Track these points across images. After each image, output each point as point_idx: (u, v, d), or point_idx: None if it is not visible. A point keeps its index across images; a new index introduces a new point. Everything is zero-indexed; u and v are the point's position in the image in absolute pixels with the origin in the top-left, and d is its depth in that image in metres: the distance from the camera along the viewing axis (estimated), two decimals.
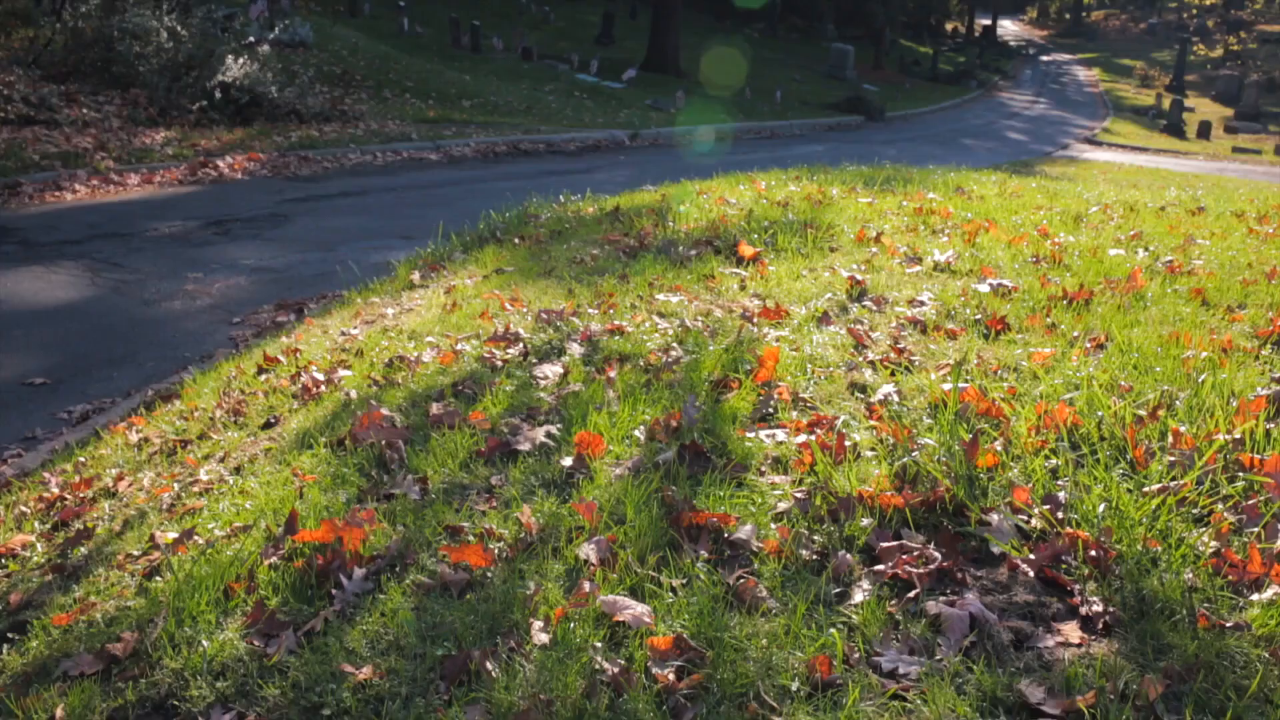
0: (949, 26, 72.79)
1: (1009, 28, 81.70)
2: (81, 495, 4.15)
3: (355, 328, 5.67)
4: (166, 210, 11.10)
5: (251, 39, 18.81)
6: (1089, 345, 4.08)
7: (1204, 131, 35.75)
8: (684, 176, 10.13)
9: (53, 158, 12.51)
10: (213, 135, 15.27)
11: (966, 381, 3.61)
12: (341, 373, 4.60)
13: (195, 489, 3.74)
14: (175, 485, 3.86)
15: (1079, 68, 62.08)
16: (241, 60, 17.15)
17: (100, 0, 17.16)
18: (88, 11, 16.95)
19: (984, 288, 4.92)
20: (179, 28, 17.07)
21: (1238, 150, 32.06)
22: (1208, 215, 8.12)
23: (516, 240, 7.39)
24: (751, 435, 3.33)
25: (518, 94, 23.96)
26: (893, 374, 3.83)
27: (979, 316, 4.46)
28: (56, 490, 4.31)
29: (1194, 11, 55.86)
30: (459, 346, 4.54)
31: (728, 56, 34.53)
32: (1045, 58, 67.42)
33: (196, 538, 3.20)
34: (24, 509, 4.18)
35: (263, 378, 5.03)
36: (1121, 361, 3.82)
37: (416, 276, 6.82)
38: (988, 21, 74.41)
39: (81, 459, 4.70)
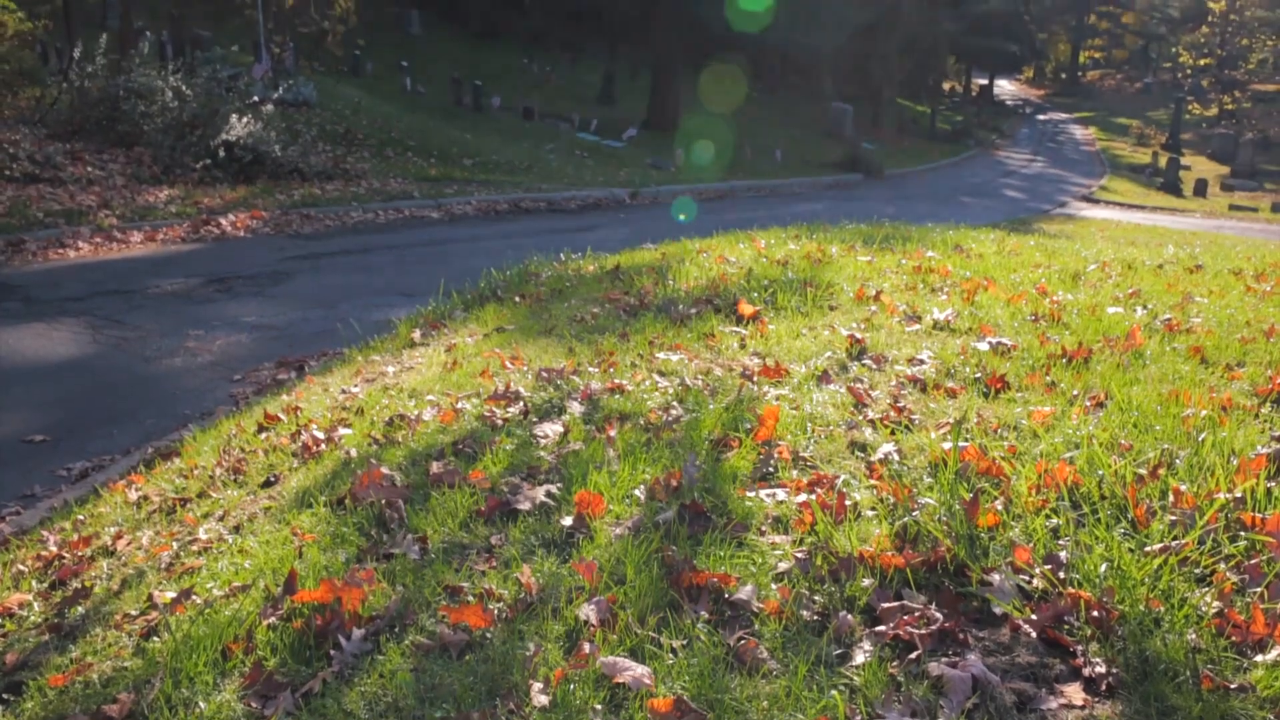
0: (946, 86, 73.47)
1: (1005, 87, 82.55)
2: (80, 554, 4.14)
3: (356, 385, 5.68)
4: (169, 267, 11.16)
5: (255, 98, 19.00)
6: (1089, 404, 4.08)
7: (1201, 189, 35.98)
8: (684, 235, 10.18)
9: (56, 215, 12.59)
10: (216, 193, 15.37)
11: (967, 440, 3.61)
12: (342, 431, 4.60)
13: (194, 548, 3.73)
14: (174, 544, 3.85)
15: (1075, 126, 62.66)
16: (245, 119, 17.32)
17: (106, 60, 17.35)
18: (94, 71, 17.14)
19: (983, 346, 4.93)
20: (184, 87, 17.26)
21: (1234, 208, 32.25)
22: (1205, 273, 8.15)
23: (517, 298, 7.42)
24: (752, 494, 3.33)
25: (519, 152, 24.14)
26: (893, 433, 3.83)
27: (978, 375, 4.47)
28: (54, 548, 4.29)
29: (1189, 71, 56.42)
30: (459, 405, 4.55)
31: (728, 115, 34.83)
32: (1042, 116, 68.07)
33: (195, 597, 3.18)
34: (21, 567, 4.16)
35: (263, 436, 5.03)
36: (1121, 420, 3.83)
37: (417, 334, 6.84)
38: (984, 81, 75.16)
39: (80, 517, 4.69)
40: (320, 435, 4.58)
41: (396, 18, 38.88)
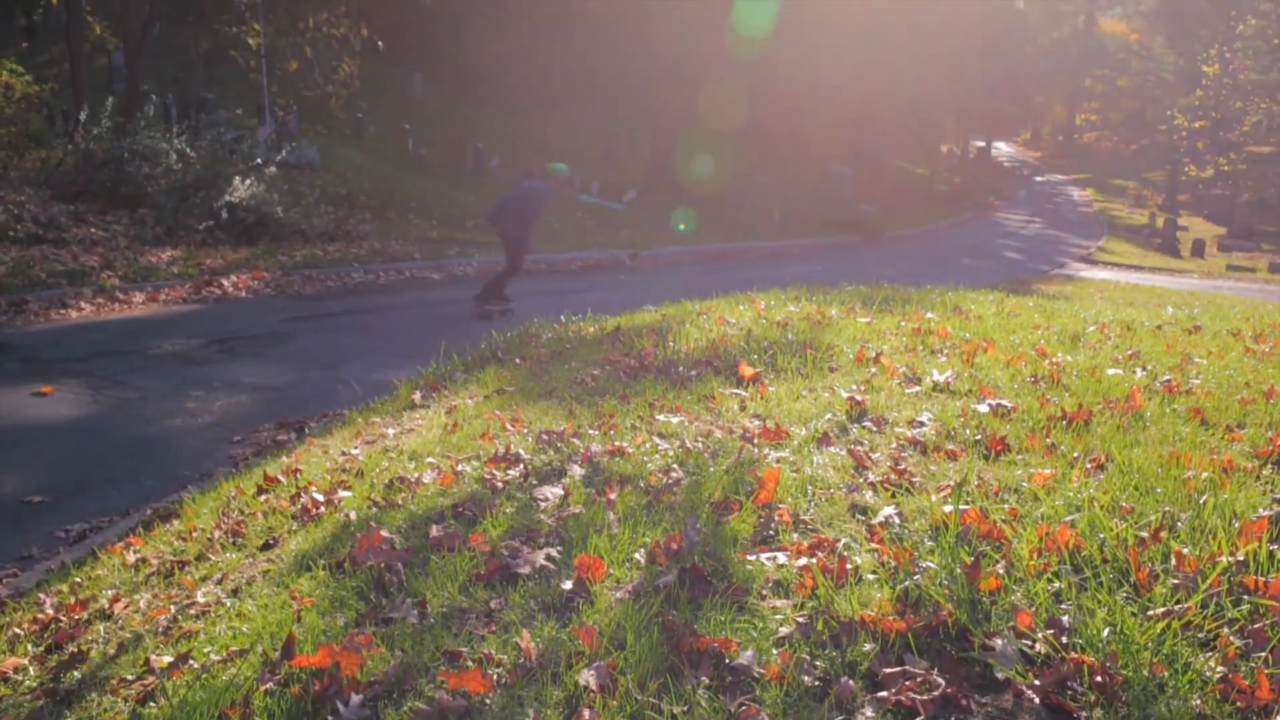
0: (944, 148, 74.05)
1: (1003, 149, 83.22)
2: (76, 617, 4.11)
3: (356, 448, 5.68)
4: (170, 328, 11.19)
5: (259, 160, 19.17)
6: (1089, 466, 4.08)
7: (1198, 250, 36.17)
8: (684, 296, 10.23)
9: (59, 276, 12.65)
10: (218, 254, 15.46)
11: (968, 503, 3.60)
12: (341, 493, 4.59)
13: (192, 611, 3.71)
14: (172, 607, 3.83)
15: (1073, 188, 63.12)
16: (248, 181, 17.46)
17: (112, 123, 17.53)
18: (99, 134, 17.30)
19: (983, 408, 4.93)
20: (188, 150, 17.42)
21: (1232, 268, 32.41)
22: (1204, 334, 8.17)
23: (518, 360, 7.44)
24: (752, 558, 3.32)
25: None
26: (893, 495, 3.82)
27: (979, 437, 4.47)
28: (51, 611, 4.27)
29: (1184, 133, 56.85)
30: (459, 468, 4.54)
31: (728, 177, 35.06)
32: (1039, 178, 68.59)
33: (192, 662, 3.16)
34: (17, 631, 4.14)
35: (262, 498, 5.02)
36: (1122, 482, 3.82)
37: (418, 396, 6.84)
38: (982, 143, 75.80)
39: (78, 579, 4.67)
40: (320, 498, 4.57)
41: (399, 80, 39.28)
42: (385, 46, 28.13)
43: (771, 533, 3.54)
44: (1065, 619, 2.80)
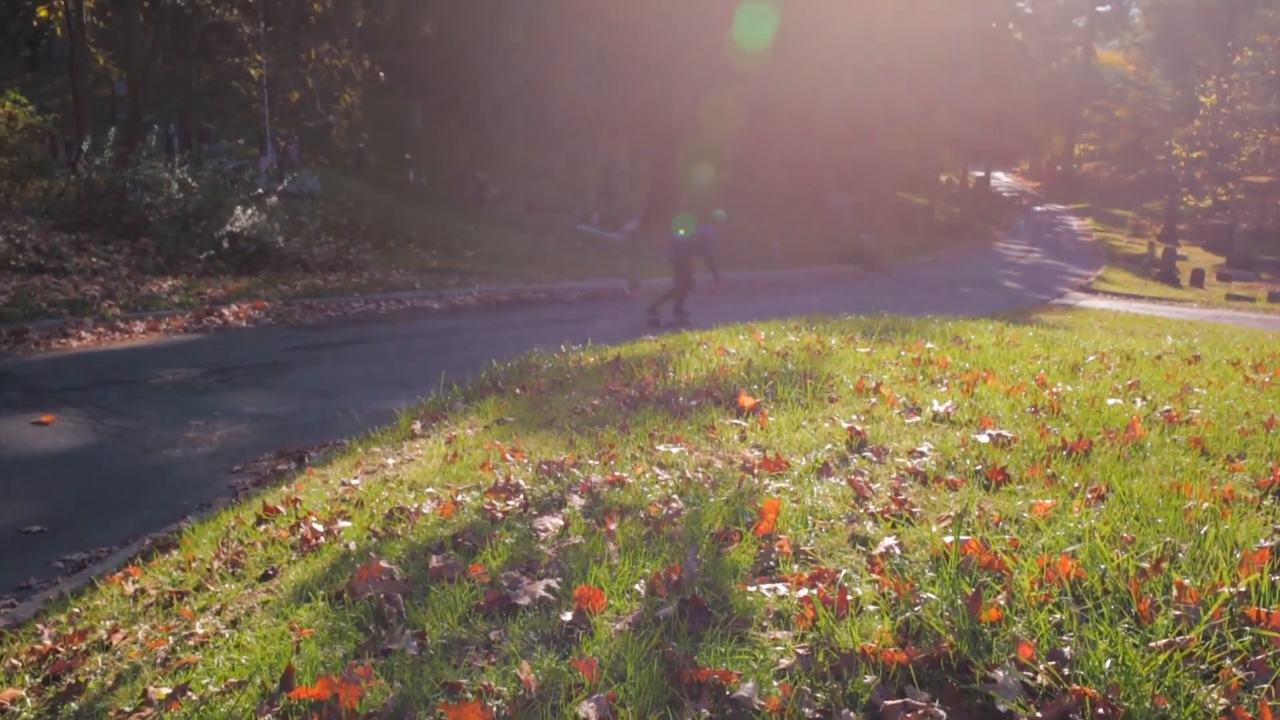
0: (944, 178, 74.31)
1: (1002, 180, 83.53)
2: (74, 648, 4.10)
3: (356, 478, 5.67)
4: (170, 357, 11.20)
5: (260, 190, 19.25)
6: (1090, 496, 4.07)
7: (1198, 279, 36.26)
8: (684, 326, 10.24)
9: (60, 305, 12.67)
10: (219, 284, 15.49)
11: (968, 534, 3.59)
12: (341, 524, 4.59)
13: (190, 642, 3.69)
14: (170, 638, 3.82)
15: (1072, 218, 63.35)
16: (250, 211, 17.52)
17: (114, 153, 17.60)
18: (102, 164, 17.37)
19: (983, 438, 4.93)
20: (190, 179, 17.49)
21: (1231, 297, 32.47)
22: (1204, 363, 8.17)
23: (518, 390, 7.44)
24: (753, 589, 3.31)
25: (520, 244, 24.37)
26: (894, 526, 3.82)
27: (979, 467, 4.47)
28: (49, 642, 4.25)
29: (1182, 164, 57.12)
30: (459, 498, 4.54)
31: (728, 207, 35.14)
32: (1039, 208, 68.85)
33: (190, 694, 3.15)
34: (15, 662, 4.12)
35: (261, 528, 5.01)
36: (1123, 513, 3.81)
37: (418, 426, 6.84)
38: (981, 174, 76.08)
39: (76, 610, 4.65)
40: (319, 528, 4.56)
41: (400, 111, 39.46)
42: (386, 77, 28.32)
43: (772, 564, 3.53)
44: (1067, 650, 2.79)
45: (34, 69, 33.76)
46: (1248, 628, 2.89)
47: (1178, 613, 2.97)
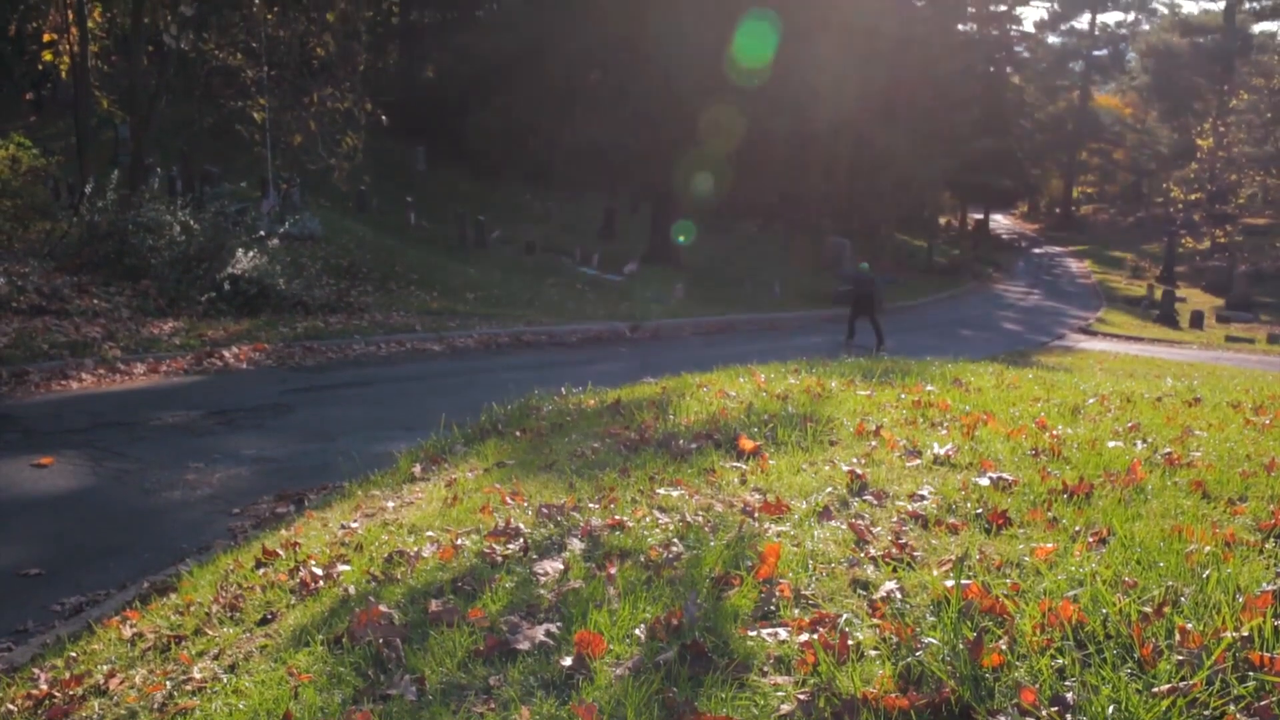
0: (942, 220, 74.72)
1: (1001, 222, 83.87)
2: (71, 693, 4.07)
3: (355, 521, 5.66)
4: (170, 400, 11.20)
5: (262, 232, 19.33)
6: (1091, 539, 4.06)
7: (1197, 321, 36.32)
8: (684, 368, 10.24)
9: (61, 347, 12.68)
10: (220, 325, 15.51)
11: (969, 578, 3.58)
12: (340, 567, 4.57)
13: (188, 687, 3.67)
14: (168, 683, 3.79)
15: (1071, 260, 63.54)
16: (251, 253, 17.58)
17: (117, 195, 17.68)
18: (104, 206, 17.45)
19: (984, 481, 4.92)
20: (192, 222, 17.57)
21: (1231, 339, 32.51)
22: (1204, 406, 8.17)
23: (518, 433, 7.43)
24: (753, 634, 3.29)
25: (521, 286, 24.43)
26: (895, 570, 3.80)
27: (980, 511, 4.46)
28: (45, 687, 4.23)
29: (1180, 206, 57.44)
30: (459, 541, 4.53)
31: (728, 250, 35.30)
32: (1037, 250, 69.06)
33: None
34: (11, 707, 4.09)
35: (260, 571, 4.99)
36: (1124, 556, 3.80)
37: (418, 469, 6.83)
38: (980, 216, 76.40)
39: (73, 654, 4.63)
40: (319, 572, 4.55)
41: (402, 154, 39.71)
42: (389, 121, 28.49)
43: (772, 608, 3.52)
44: (1069, 696, 2.77)
45: (38, 112, 34.01)
46: (1251, 673, 2.88)
47: (1181, 658, 2.96)
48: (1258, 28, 71.81)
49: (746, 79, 31.88)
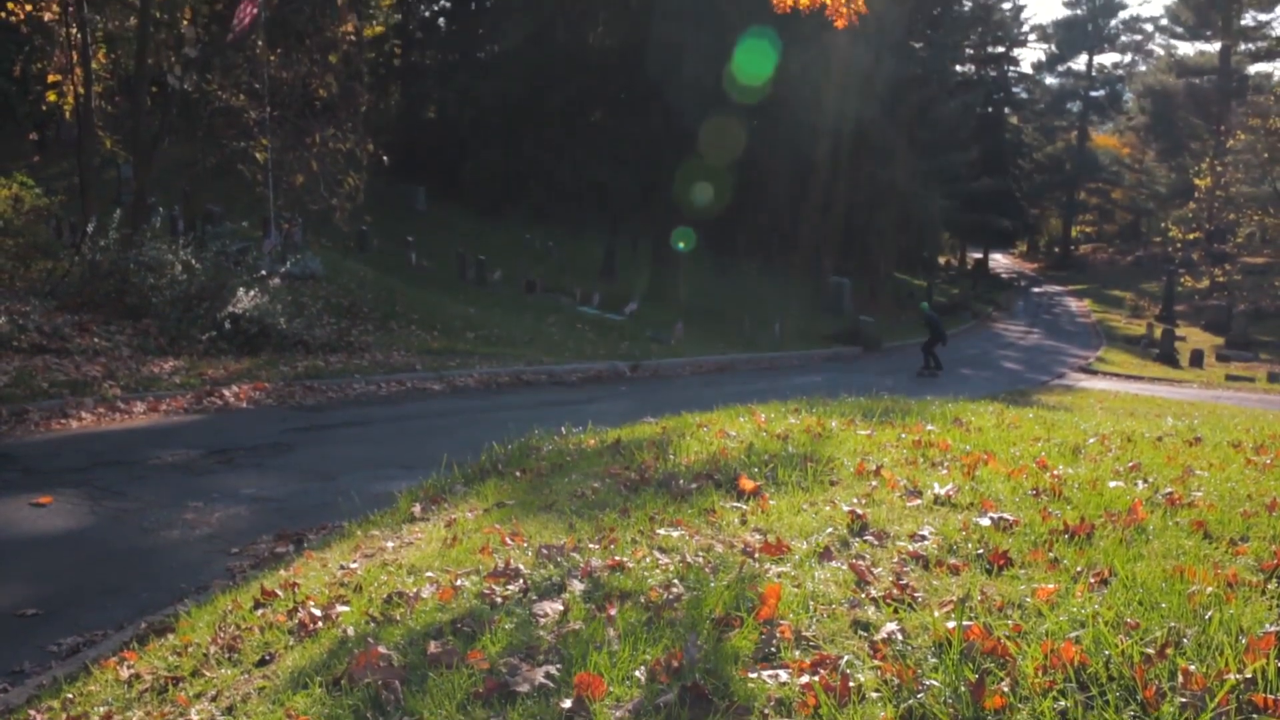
0: (942, 260, 74.98)
1: (1000, 261, 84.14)
2: None
3: (354, 561, 5.64)
4: (170, 438, 11.19)
5: (263, 271, 19.37)
6: (1093, 580, 4.05)
7: (1197, 360, 36.34)
8: (684, 408, 10.25)
9: (61, 386, 12.68)
10: (220, 364, 15.52)
11: (971, 619, 3.57)
12: (339, 608, 4.55)
13: None
14: None
15: (1070, 299, 63.69)
16: (252, 292, 17.62)
17: (119, 234, 17.74)
18: (106, 245, 17.50)
19: (985, 521, 4.91)
20: (193, 261, 17.62)
21: (1231, 378, 32.51)
22: (1205, 445, 8.16)
23: (518, 473, 7.42)
24: (754, 675, 3.27)
25: (521, 326, 24.47)
26: (896, 611, 3.79)
27: (981, 551, 4.44)
28: None
29: (1179, 245, 57.59)
30: (459, 582, 4.51)
31: (728, 289, 35.38)
32: (1037, 289, 69.24)
33: None
34: None
35: (259, 612, 4.97)
36: (1126, 597, 3.79)
37: (417, 509, 6.82)
38: (979, 255, 76.65)
39: (69, 695, 4.60)
40: (317, 612, 4.53)
41: (403, 194, 39.90)
42: (390, 161, 28.65)
43: (773, 649, 3.50)
44: None
45: (42, 151, 34.19)
46: (1255, 715, 2.86)
47: (1184, 700, 2.94)
48: (1253, 69, 72.30)
49: (746, 119, 32.10)
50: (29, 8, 21.63)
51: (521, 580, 4.42)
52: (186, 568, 7.09)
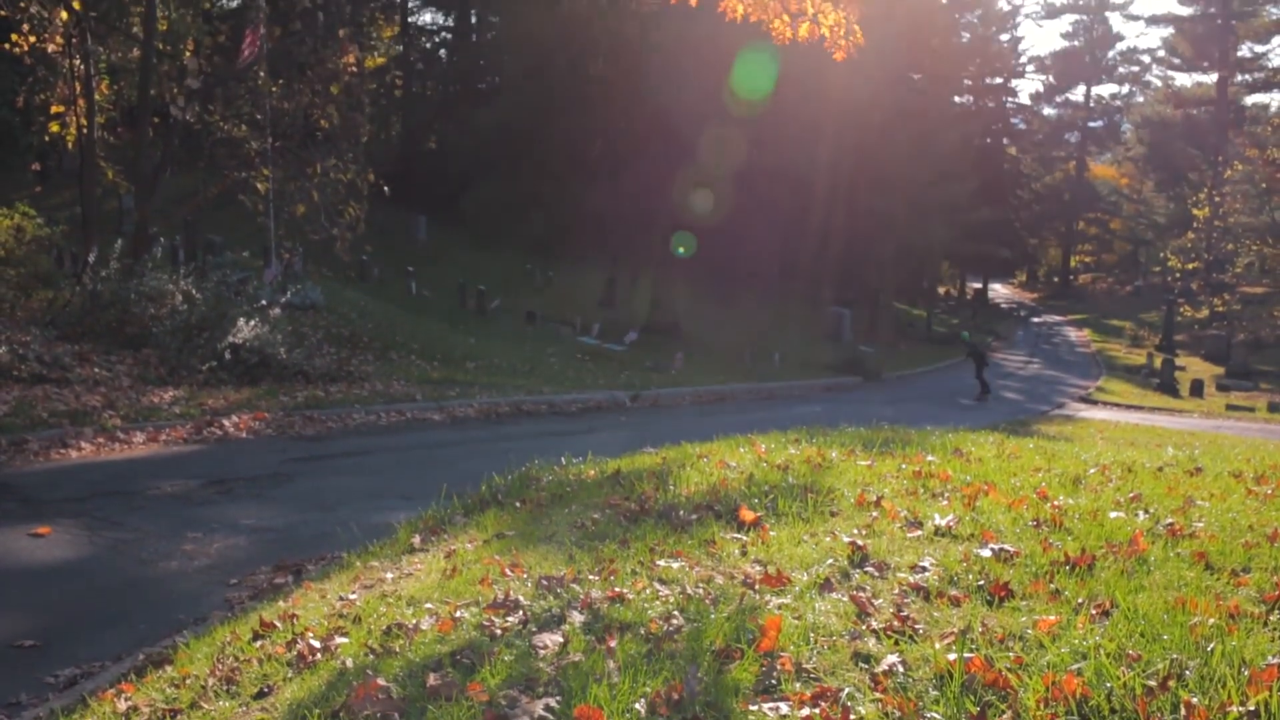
0: (942, 290, 75.13)
1: (1000, 291, 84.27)
2: None
3: (354, 592, 5.62)
4: (169, 469, 11.18)
5: (264, 301, 19.39)
6: (1094, 612, 4.03)
7: (1197, 389, 36.34)
8: (684, 438, 10.24)
9: (61, 415, 12.66)
10: (220, 394, 15.50)
11: (972, 651, 3.56)
12: (338, 640, 4.54)
13: None
14: None
15: (1070, 328, 63.76)
16: (252, 322, 17.63)
17: (120, 264, 17.78)
18: (107, 275, 17.53)
19: (986, 552, 4.90)
20: (194, 291, 17.64)
21: (1232, 408, 32.51)
22: (1206, 476, 8.15)
23: (518, 503, 7.41)
24: (755, 708, 3.26)
25: (521, 356, 24.48)
26: (897, 643, 3.78)
27: (982, 582, 4.43)
28: None
29: (1178, 275, 57.76)
30: (458, 614, 4.50)
31: (727, 318, 35.42)
32: (1036, 319, 69.33)
33: None
34: None
35: (258, 643, 4.95)
36: (1128, 629, 3.78)
37: (417, 540, 6.80)
38: (979, 285, 76.77)
39: None
40: (316, 644, 4.51)
41: (404, 224, 40.01)
42: (391, 191, 28.72)
43: (774, 682, 3.49)
44: None
45: (44, 182, 34.34)
46: None
47: None
48: (1250, 99, 72.69)
49: (746, 150, 32.23)
50: (33, 39, 21.73)
51: (521, 612, 4.41)
52: (185, 599, 7.06)
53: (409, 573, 5.83)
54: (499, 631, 4.19)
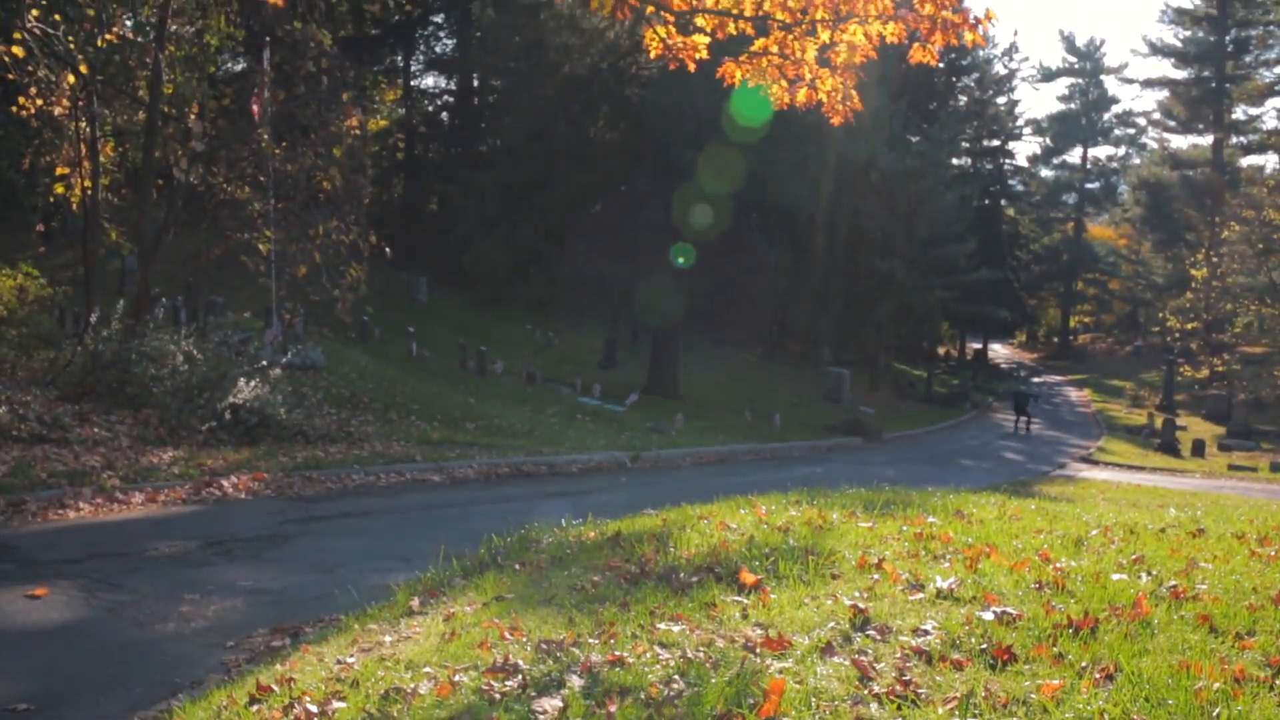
0: (941, 350, 75.23)
1: (999, 351, 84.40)
2: None
3: (352, 656, 5.58)
4: (168, 530, 11.13)
5: (264, 362, 19.40)
6: (1098, 676, 4.01)
7: (1198, 449, 36.28)
8: (685, 499, 10.20)
9: (60, 476, 12.62)
10: (219, 455, 15.46)
11: (975, 716, 3.53)
12: (336, 704, 4.50)
13: None
14: None
15: (1070, 389, 63.80)
16: (253, 383, 17.62)
17: (121, 325, 17.81)
18: (109, 335, 17.56)
19: (988, 615, 4.87)
20: (195, 351, 17.65)
21: (1234, 468, 32.45)
22: (1208, 537, 8.13)
23: (517, 566, 7.38)
24: None
25: (521, 416, 24.46)
26: (899, 708, 3.75)
27: (984, 646, 4.41)
28: None
29: (1177, 335, 57.85)
30: (457, 678, 4.46)
31: (727, 379, 35.45)
32: (1036, 379, 69.32)
33: None
34: None
35: (254, 708, 4.91)
36: (1133, 693, 3.75)
37: (416, 602, 6.76)
38: (979, 345, 76.90)
39: None
40: (314, 709, 4.47)
41: (405, 285, 40.15)
42: (393, 252, 28.86)
43: None
44: None
45: (47, 242, 34.48)
46: None
47: None
48: (1245, 161, 73.29)
49: (746, 212, 32.42)
50: (40, 102, 21.91)
51: (520, 676, 4.38)
52: (181, 662, 7.01)
53: (407, 636, 5.79)
54: (498, 696, 4.16)
